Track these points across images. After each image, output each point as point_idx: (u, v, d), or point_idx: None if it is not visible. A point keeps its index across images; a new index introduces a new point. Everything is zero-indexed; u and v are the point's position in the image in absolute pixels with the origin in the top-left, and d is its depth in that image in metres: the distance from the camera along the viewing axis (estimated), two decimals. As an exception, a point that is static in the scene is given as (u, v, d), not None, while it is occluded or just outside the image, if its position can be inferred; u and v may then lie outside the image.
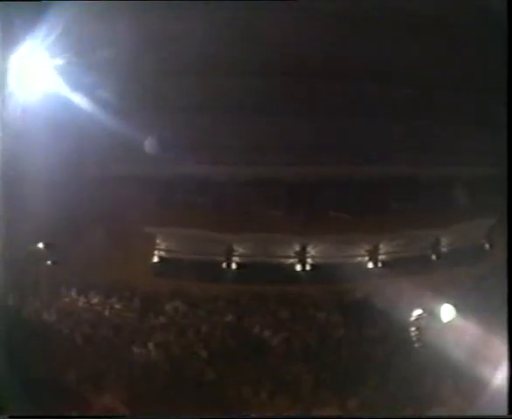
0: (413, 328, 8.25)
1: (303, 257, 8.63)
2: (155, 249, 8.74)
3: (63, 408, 7.52)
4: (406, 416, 7.08)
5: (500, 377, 7.32)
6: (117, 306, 8.75)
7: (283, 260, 8.71)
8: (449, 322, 8.26)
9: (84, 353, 8.44)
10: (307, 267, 8.64)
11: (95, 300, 8.83)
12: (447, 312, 8.27)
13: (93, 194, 8.54)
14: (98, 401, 7.90)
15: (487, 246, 9.52)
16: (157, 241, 8.75)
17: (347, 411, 7.71)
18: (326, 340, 8.28)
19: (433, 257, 8.96)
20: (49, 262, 8.95)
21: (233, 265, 8.59)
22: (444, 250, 9.01)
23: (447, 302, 8.27)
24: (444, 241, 9.02)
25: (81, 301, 8.83)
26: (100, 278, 8.81)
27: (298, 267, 8.70)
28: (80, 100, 8.42)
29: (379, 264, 8.72)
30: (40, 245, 8.97)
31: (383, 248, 8.71)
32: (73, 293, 8.85)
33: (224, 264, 8.60)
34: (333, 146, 8.48)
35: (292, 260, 8.72)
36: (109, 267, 8.68)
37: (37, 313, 8.79)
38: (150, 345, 8.36)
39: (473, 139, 8.78)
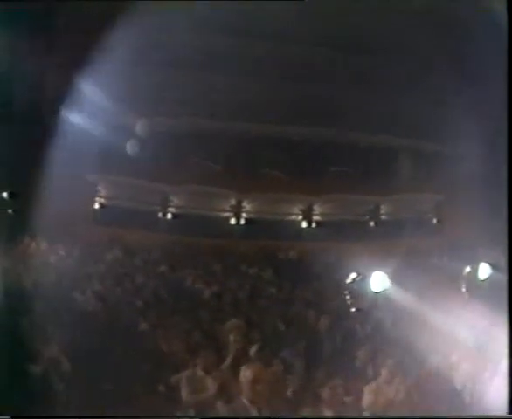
0: (346, 292, 8.18)
1: (238, 211, 8.73)
2: (96, 196, 8.87)
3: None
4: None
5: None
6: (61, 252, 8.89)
7: (218, 213, 8.82)
8: (382, 291, 8.14)
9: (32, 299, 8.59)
10: (242, 222, 8.75)
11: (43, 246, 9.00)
12: (380, 280, 8.14)
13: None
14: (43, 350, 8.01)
15: (434, 221, 9.54)
16: (99, 188, 8.89)
17: (271, 371, 7.66)
18: (256, 297, 8.28)
19: (371, 223, 9.00)
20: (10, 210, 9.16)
21: (169, 216, 8.74)
22: (384, 218, 9.01)
23: (382, 270, 8.15)
24: (384, 209, 9.03)
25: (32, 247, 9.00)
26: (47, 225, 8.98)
27: (233, 221, 8.82)
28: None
29: (313, 225, 8.79)
30: (5, 194, 9.19)
31: (317, 209, 8.75)
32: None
33: (160, 214, 8.75)
34: (275, 105, 8.45)
35: (227, 214, 8.83)
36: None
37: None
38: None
39: (423, 113, 8.70)
